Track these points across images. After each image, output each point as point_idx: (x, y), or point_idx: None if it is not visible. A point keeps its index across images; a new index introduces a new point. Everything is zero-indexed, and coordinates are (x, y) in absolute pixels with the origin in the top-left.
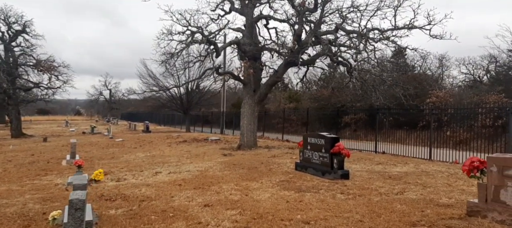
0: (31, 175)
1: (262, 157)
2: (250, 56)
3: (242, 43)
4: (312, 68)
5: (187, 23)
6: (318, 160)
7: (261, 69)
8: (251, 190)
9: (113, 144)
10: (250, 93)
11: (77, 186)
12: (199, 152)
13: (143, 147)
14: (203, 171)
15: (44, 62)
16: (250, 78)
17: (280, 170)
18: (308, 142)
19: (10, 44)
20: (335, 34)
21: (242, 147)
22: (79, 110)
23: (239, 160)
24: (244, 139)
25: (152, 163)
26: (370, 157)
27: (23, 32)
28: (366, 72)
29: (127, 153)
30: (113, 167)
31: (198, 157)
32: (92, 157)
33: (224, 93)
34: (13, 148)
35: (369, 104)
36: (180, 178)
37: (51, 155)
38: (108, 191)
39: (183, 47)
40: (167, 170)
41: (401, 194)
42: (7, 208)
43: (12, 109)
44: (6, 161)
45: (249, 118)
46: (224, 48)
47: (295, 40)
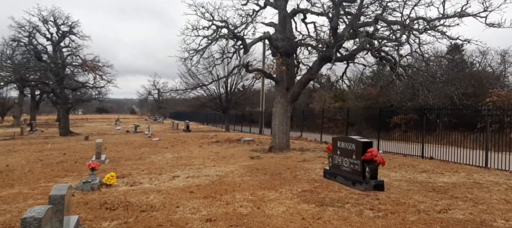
0: (50, 177)
1: (291, 161)
2: (283, 52)
3: (274, 38)
4: (353, 64)
5: (211, 17)
6: (348, 167)
7: (294, 65)
8: (266, 201)
9: (147, 144)
10: (282, 92)
11: (53, 197)
12: (227, 154)
13: (174, 148)
14: (223, 176)
15: (90, 62)
16: (283, 76)
17: (306, 177)
18: (338, 146)
19: (58, 45)
20: (374, 26)
21: (273, 149)
22: (134, 109)
23: (265, 164)
24: (276, 141)
25: (175, 166)
26: (414, 163)
27: (71, 33)
28: (411, 68)
29: (156, 153)
30: (135, 169)
31: (223, 160)
32: (120, 158)
33: (263, 91)
34: (51, 147)
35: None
36: (195, 183)
37: (82, 155)
38: (114, 197)
39: (208, 43)
40: (186, 174)
41: (444, 212)
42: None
43: (60, 108)
44: (38, 160)
45: (281, 118)
46: (253, 44)
47: (331, 34)
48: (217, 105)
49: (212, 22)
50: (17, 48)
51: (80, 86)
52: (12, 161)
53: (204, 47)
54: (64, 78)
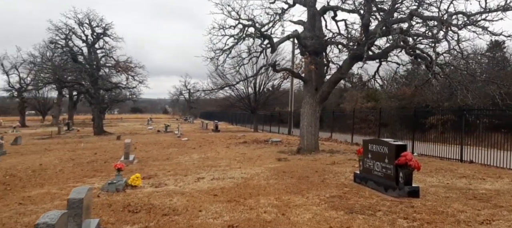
0: (79, 177)
1: (319, 164)
2: (312, 50)
3: (302, 36)
4: (386, 63)
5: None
6: (380, 171)
7: (324, 64)
8: (291, 207)
9: (176, 144)
10: (311, 92)
11: (71, 201)
12: (254, 155)
13: (202, 148)
14: (248, 178)
15: (123, 63)
16: (311, 75)
17: (335, 181)
18: (369, 149)
19: (93, 46)
20: (409, 22)
21: (301, 151)
22: (166, 109)
23: (292, 166)
24: (304, 142)
25: (201, 167)
26: (452, 168)
27: (105, 35)
28: (449, 66)
29: (183, 154)
30: (161, 170)
31: (250, 161)
32: (148, 158)
33: (292, 91)
34: (84, 146)
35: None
36: (220, 186)
37: (112, 155)
38: (138, 200)
39: (234, 42)
40: (211, 176)
41: (488, 223)
42: (24, 217)
43: (95, 108)
44: (70, 160)
45: (310, 119)
46: (280, 43)
47: (362, 31)
48: (245, 105)
49: (238, 21)
50: (54, 50)
51: (113, 86)
52: (46, 160)
53: (230, 47)
54: (98, 79)
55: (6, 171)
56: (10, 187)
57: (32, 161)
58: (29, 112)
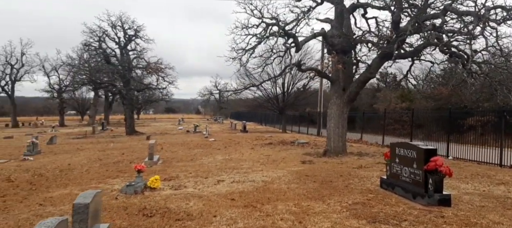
0: (102, 177)
1: (345, 167)
2: (339, 49)
3: (329, 35)
4: (419, 62)
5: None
6: (408, 177)
7: (352, 64)
8: (310, 214)
9: (202, 144)
10: (338, 92)
11: (77, 206)
12: (278, 157)
13: (227, 149)
14: (268, 182)
15: (153, 64)
16: (339, 75)
17: (360, 186)
18: (396, 153)
19: (125, 48)
20: (442, 17)
21: (328, 153)
22: (198, 109)
23: (316, 170)
24: (331, 144)
25: (223, 169)
26: (490, 173)
27: (136, 37)
28: (487, 65)
29: (208, 155)
30: (183, 171)
31: (273, 164)
32: (173, 158)
33: (321, 91)
34: (113, 146)
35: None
36: (239, 190)
37: (139, 155)
38: (154, 203)
39: (258, 42)
40: (231, 178)
41: None
42: (40, 219)
43: (127, 108)
44: (97, 160)
45: (337, 120)
46: (306, 42)
47: (392, 28)
48: (273, 105)
49: (261, 19)
50: (88, 52)
51: (144, 87)
52: (75, 160)
53: (253, 46)
54: (130, 80)
55: (36, 170)
56: (35, 187)
57: (62, 160)
58: (70, 112)
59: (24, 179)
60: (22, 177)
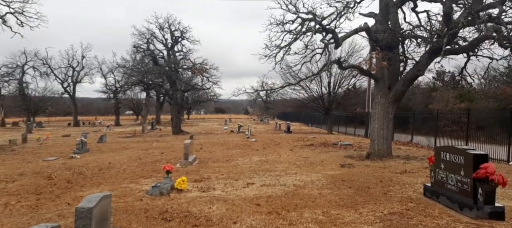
0: (136, 177)
1: (387, 172)
2: (384, 45)
3: (373, 30)
4: (476, 57)
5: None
6: (455, 186)
7: (399, 60)
8: (338, 224)
9: (242, 145)
10: (383, 91)
11: (79, 210)
12: (317, 159)
13: (266, 150)
14: (300, 186)
15: (198, 65)
16: (384, 72)
17: (400, 194)
18: (442, 158)
19: (172, 49)
20: (500, 7)
21: (371, 156)
22: (247, 109)
23: (355, 174)
24: (375, 147)
25: (256, 170)
26: None
27: (182, 38)
28: None
29: (244, 155)
30: (216, 173)
31: (310, 166)
32: (210, 159)
33: (369, 90)
34: (156, 145)
35: None
36: (267, 194)
37: (177, 154)
38: (177, 206)
39: (293, 38)
40: (262, 181)
41: None
42: (62, 219)
43: (173, 108)
44: (137, 159)
45: (381, 121)
46: (346, 38)
47: (443, 21)
48: (318, 105)
49: (297, 15)
50: (137, 53)
51: (190, 88)
52: (117, 159)
53: (288, 43)
54: (176, 80)
55: (77, 168)
56: (71, 185)
57: (105, 159)
58: (128, 112)
59: (64, 177)
60: (63, 175)
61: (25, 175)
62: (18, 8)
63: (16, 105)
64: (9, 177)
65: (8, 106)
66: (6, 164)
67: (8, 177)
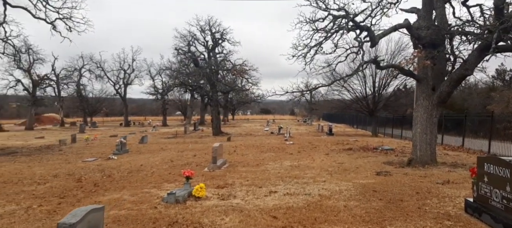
0: (161, 181)
1: (427, 182)
2: (427, 43)
3: (415, 26)
4: None
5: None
6: (500, 203)
7: (444, 59)
8: None
9: (277, 148)
10: (426, 92)
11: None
12: (352, 166)
13: (300, 154)
14: (326, 197)
15: (238, 66)
16: (427, 72)
17: (437, 209)
18: (485, 170)
19: (213, 51)
20: None
21: (412, 163)
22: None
23: (390, 184)
24: (417, 153)
25: (283, 177)
26: None
27: (223, 40)
28: None
29: (276, 160)
30: (242, 178)
31: (342, 174)
32: (240, 162)
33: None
34: (191, 147)
35: None
36: (288, 204)
37: (209, 157)
38: (190, 215)
39: (324, 37)
40: (286, 190)
41: None
42: None
43: (213, 110)
44: (169, 161)
45: (424, 124)
46: (384, 35)
47: (494, 15)
48: (362, 107)
49: (328, 11)
50: (177, 55)
51: (229, 89)
52: (150, 161)
53: (319, 43)
54: (216, 81)
55: (108, 171)
56: (96, 189)
57: (139, 161)
58: (177, 113)
59: (92, 179)
60: (93, 177)
61: (58, 176)
62: (66, 14)
63: (74, 106)
64: (43, 179)
65: (67, 107)
66: (47, 164)
67: (42, 178)
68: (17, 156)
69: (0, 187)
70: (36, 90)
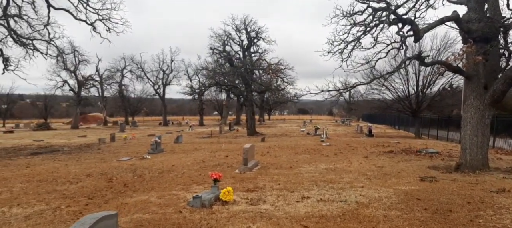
0: (190, 182)
1: (479, 190)
2: (478, 37)
3: (465, 19)
4: None
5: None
6: None
7: (499, 54)
8: None
9: (312, 149)
10: (477, 91)
11: None
12: (393, 170)
13: (337, 156)
14: (363, 205)
15: (274, 65)
16: (478, 69)
17: (493, 223)
18: None
19: (248, 50)
20: None
21: (461, 168)
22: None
23: (437, 191)
24: (466, 157)
25: (317, 181)
26: None
27: (258, 39)
28: None
29: (311, 162)
30: (272, 182)
31: (382, 179)
32: (272, 164)
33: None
34: (224, 148)
35: None
36: (321, 212)
37: (240, 159)
38: (214, 222)
39: (362, 32)
40: (320, 195)
41: None
42: None
43: (248, 110)
44: (201, 162)
45: (475, 126)
46: (429, 29)
47: None
48: (404, 107)
49: (367, 4)
50: (212, 55)
51: (264, 89)
52: (182, 161)
53: (357, 38)
54: (250, 81)
55: (140, 171)
56: (125, 190)
57: (172, 161)
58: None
59: (123, 180)
60: (124, 177)
61: (91, 176)
62: (105, 15)
63: (117, 105)
64: (76, 178)
65: (111, 106)
66: (84, 163)
67: (75, 177)
68: (58, 154)
69: (35, 186)
70: (81, 90)
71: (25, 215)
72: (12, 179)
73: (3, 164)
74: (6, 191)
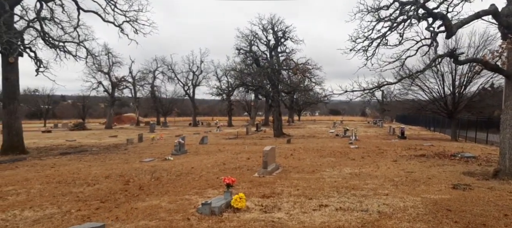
0: (205, 186)
1: None
2: None
3: (504, 13)
4: None
5: None
6: None
7: None
8: None
9: (338, 152)
10: None
11: None
12: (423, 176)
13: (363, 160)
14: (386, 215)
15: (302, 65)
16: None
17: None
18: None
19: (275, 50)
20: None
21: (500, 175)
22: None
23: (470, 201)
24: (506, 162)
25: (339, 187)
26: None
27: (286, 39)
28: None
29: (335, 166)
30: (292, 187)
31: (410, 185)
32: (295, 168)
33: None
34: (247, 149)
35: None
36: (338, 223)
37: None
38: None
39: (389, 28)
40: (340, 203)
41: None
42: None
43: (274, 110)
44: (221, 164)
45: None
46: (463, 24)
47: None
48: (440, 108)
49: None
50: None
51: (291, 90)
52: (203, 163)
53: (382, 34)
54: (277, 81)
55: (158, 173)
56: (140, 192)
57: (193, 162)
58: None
59: (140, 182)
60: (142, 179)
61: (110, 177)
62: (133, 16)
63: (149, 106)
64: (95, 179)
65: (143, 107)
66: (107, 164)
67: (94, 179)
68: (86, 154)
69: (53, 188)
70: (114, 91)
71: (35, 219)
72: (34, 180)
73: (31, 164)
74: (24, 192)
